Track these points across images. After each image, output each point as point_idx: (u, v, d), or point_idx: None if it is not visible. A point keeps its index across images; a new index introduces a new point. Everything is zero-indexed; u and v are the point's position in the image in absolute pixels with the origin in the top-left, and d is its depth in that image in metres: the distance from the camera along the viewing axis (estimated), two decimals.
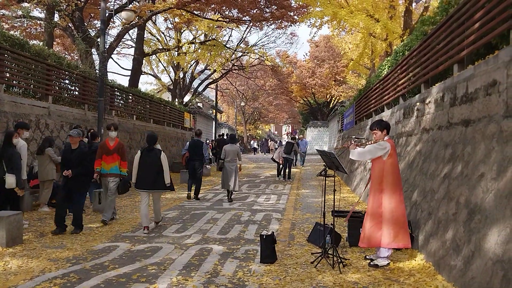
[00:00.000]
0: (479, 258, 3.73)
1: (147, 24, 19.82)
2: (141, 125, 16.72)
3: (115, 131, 7.60)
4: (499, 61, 4.20)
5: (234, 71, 33.09)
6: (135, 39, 20.85)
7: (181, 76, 27.23)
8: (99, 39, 12.33)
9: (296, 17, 20.39)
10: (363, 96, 14.64)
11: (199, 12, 18.67)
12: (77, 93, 12.38)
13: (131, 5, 15.91)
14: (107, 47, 15.10)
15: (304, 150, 23.41)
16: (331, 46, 35.63)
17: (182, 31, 25.60)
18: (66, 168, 6.54)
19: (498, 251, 3.46)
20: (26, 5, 13.94)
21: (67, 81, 12.01)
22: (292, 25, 22.34)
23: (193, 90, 31.67)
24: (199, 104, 37.53)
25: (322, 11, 15.02)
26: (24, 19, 15.38)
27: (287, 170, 15.37)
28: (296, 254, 5.46)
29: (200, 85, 31.81)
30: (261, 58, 29.44)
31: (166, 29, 25.69)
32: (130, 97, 16.44)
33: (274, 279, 4.46)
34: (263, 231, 5.31)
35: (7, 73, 9.01)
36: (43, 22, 15.62)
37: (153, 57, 26.15)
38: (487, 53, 4.91)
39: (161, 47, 24.39)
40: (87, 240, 6.20)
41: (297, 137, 22.74)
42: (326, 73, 37.76)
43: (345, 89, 37.26)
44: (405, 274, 4.59)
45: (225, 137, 21.82)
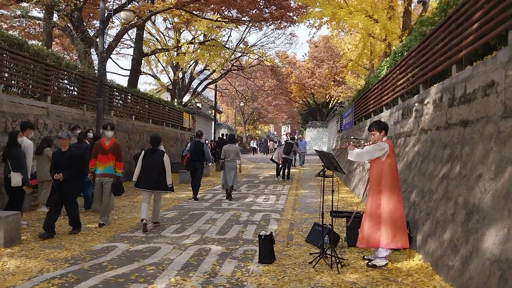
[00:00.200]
0: (476, 258, 3.73)
1: (146, 24, 19.83)
2: (140, 125, 16.71)
3: (111, 131, 7.46)
4: (498, 62, 4.21)
5: (233, 71, 33.09)
6: (134, 39, 20.84)
7: (180, 76, 27.24)
8: (98, 39, 12.35)
9: (295, 18, 20.40)
10: (362, 96, 14.65)
11: (198, 12, 18.69)
12: (76, 93, 12.38)
13: (130, 5, 15.90)
14: (106, 47, 15.12)
15: (303, 150, 23.44)
16: (330, 46, 35.69)
17: (181, 31, 25.62)
18: (56, 171, 6.35)
19: (495, 251, 3.46)
20: (25, 5, 13.94)
21: (66, 81, 12.02)
22: (291, 25, 22.40)
23: (192, 90, 31.66)
24: (198, 104, 37.48)
25: (321, 12, 15.05)
26: (23, 19, 15.38)
27: (286, 170, 15.39)
28: (294, 254, 5.46)
29: (199, 85, 31.79)
30: (261, 58, 29.45)
31: (165, 29, 25.74)
32: (129, 97, 16.43)
33: (272, 279, 4.46)
34: (262, 232, 5.32)
35: (6, 73, 9.00)
36: (42, 22, 15.62)
37: (152, 57, 26.16)
38: (486, 53, 4.92)
39: (160, 47, 24.40)
40: (85, 240, 6.19)
41: (296, 138, 22.77)
42: (325, 74, 37.78)
43: (344, 89, 37.29)
44: (403, 274, 4.60)
45: (225, 138, 21.84)
